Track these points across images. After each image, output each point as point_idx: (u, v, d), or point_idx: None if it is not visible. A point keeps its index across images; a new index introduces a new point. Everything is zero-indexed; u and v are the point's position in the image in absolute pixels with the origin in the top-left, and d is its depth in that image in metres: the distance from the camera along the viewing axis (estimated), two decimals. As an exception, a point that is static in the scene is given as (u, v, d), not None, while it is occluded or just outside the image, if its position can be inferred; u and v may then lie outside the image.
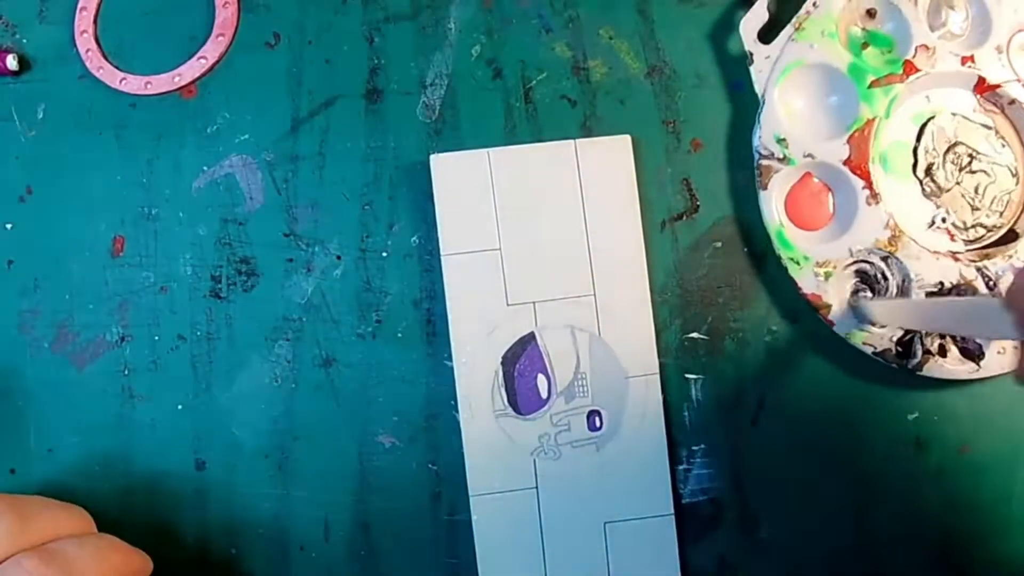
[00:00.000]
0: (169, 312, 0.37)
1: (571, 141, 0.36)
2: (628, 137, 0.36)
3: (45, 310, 0.37)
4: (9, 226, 0.38)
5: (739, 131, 0.37)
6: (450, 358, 0.35)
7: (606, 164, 0.36)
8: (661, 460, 0.35)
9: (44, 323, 0.37)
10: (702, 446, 0.36)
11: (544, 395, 0.35)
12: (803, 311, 0.36)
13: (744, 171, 0.37)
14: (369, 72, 0.38)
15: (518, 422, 0.35)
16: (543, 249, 0.35)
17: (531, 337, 0.35)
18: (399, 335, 0.36)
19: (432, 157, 0.36)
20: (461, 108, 0.37)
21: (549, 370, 0.35)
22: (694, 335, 0.36)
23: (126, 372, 0.37)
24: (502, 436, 0.35)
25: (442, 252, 0.35)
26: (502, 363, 0.35)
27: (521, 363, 0.35)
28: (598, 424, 0.35)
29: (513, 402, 0.35)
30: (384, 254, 0.37)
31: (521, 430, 0.35)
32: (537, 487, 0.35)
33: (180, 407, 0.36)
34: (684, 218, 0.37)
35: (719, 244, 0.37)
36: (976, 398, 0.36)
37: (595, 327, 0.35)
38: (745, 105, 0.37)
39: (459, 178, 0.36)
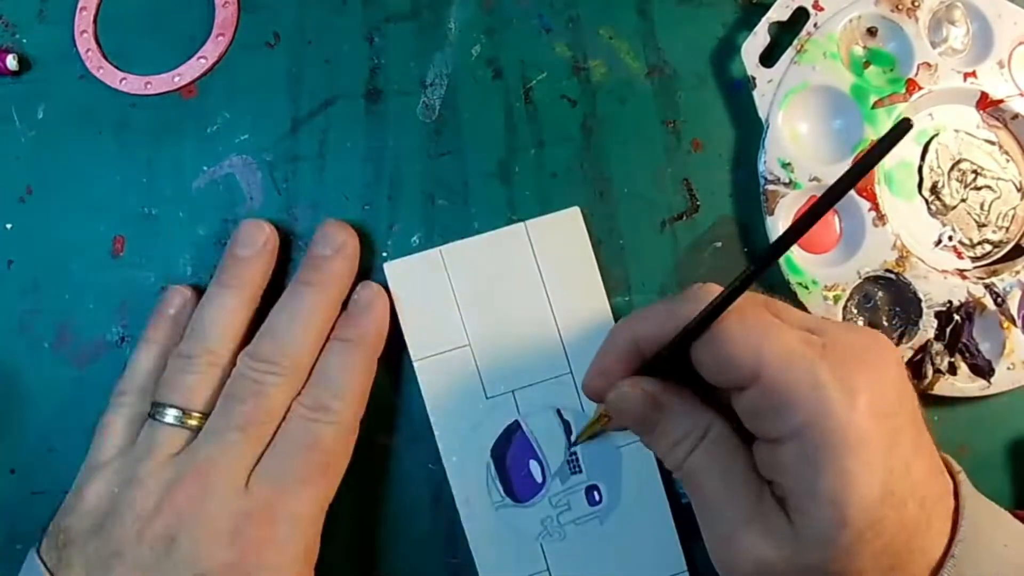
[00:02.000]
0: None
1: (521, 224, 0.36)
2: (577, 209, 0.36)
3: (45, 310, 0.37)
4: (9, 226, 0.38)
5: (739, 131, 0.37)
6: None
7: (560, 239, 0.36)
8: (666, 521, 0.34)
9: (44, 323, 0.37)
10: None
11: (539, 480, 0.35)
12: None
13: (744, 171, 0.37)
14: (369, 72, 0.38)
15: (518, 510, 0.35)
16: (513, 336, 0.35)
17: (516, 426, 0.35)
18: (399, 335, 0.36)
19: (385, 265, 0.35)
20: (461, 108, 0.37)
21: (540, 455, 0.35)
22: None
23: (126, 372, 0.37)
24: (505, 527, 0.35)
25: (413, 358, 0.35)
26: (492, 456, 0.35)
27: (511, 453, 0.35)
28: (597, 498, 0.35)
29: (510, 492, 0.35)
30: (384, 254, 0.37)
31: (523, 518, 0.35)
32: (548, 569, 0.34)
33: (180, 407, 0.36)
34: (684, 218, 0.37)
35: (719, 244, 0.37)
36: (975, 400, 0.36)
37: (578, 404, 0.35)
38: (745, 105, 0.37)
39: (416, 281, 0.35)
